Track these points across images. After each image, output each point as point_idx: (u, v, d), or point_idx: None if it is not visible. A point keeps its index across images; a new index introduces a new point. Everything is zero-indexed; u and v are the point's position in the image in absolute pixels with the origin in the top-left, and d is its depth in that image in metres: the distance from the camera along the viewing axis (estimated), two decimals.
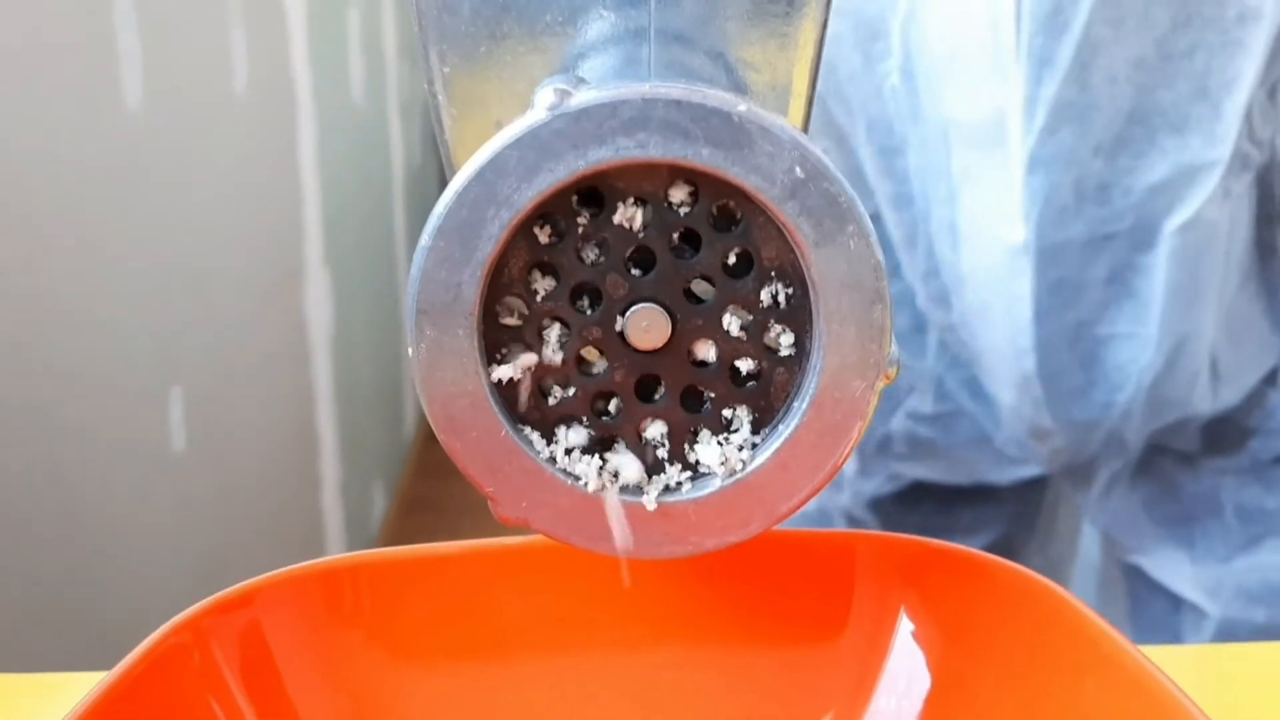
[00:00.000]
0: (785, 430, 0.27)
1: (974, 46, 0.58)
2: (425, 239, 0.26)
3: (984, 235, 0.61)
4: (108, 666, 0.31)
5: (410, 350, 0.27)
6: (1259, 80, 0.56)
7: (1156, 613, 0.68)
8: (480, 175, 0.26)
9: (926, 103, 0.61)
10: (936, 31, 0.59)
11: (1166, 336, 0.60)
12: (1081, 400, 0.62)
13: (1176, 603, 0.67)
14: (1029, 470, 0.69)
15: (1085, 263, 0.60)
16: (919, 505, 0.73)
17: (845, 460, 0.28)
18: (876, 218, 0.67)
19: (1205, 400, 0.63)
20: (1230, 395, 0.64)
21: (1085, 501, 0.69)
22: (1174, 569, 0.67)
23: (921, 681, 0.34)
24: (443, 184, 0.27)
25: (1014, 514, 0.74)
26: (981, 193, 0.60)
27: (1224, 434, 0.66)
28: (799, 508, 0.28)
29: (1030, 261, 0.59)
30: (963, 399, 0.68)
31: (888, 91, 0.62)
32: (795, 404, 0.27)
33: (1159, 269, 0.59)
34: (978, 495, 0.73)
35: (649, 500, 0.28)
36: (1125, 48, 0.56)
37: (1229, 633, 0.65)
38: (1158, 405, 0.62)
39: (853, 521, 0.74)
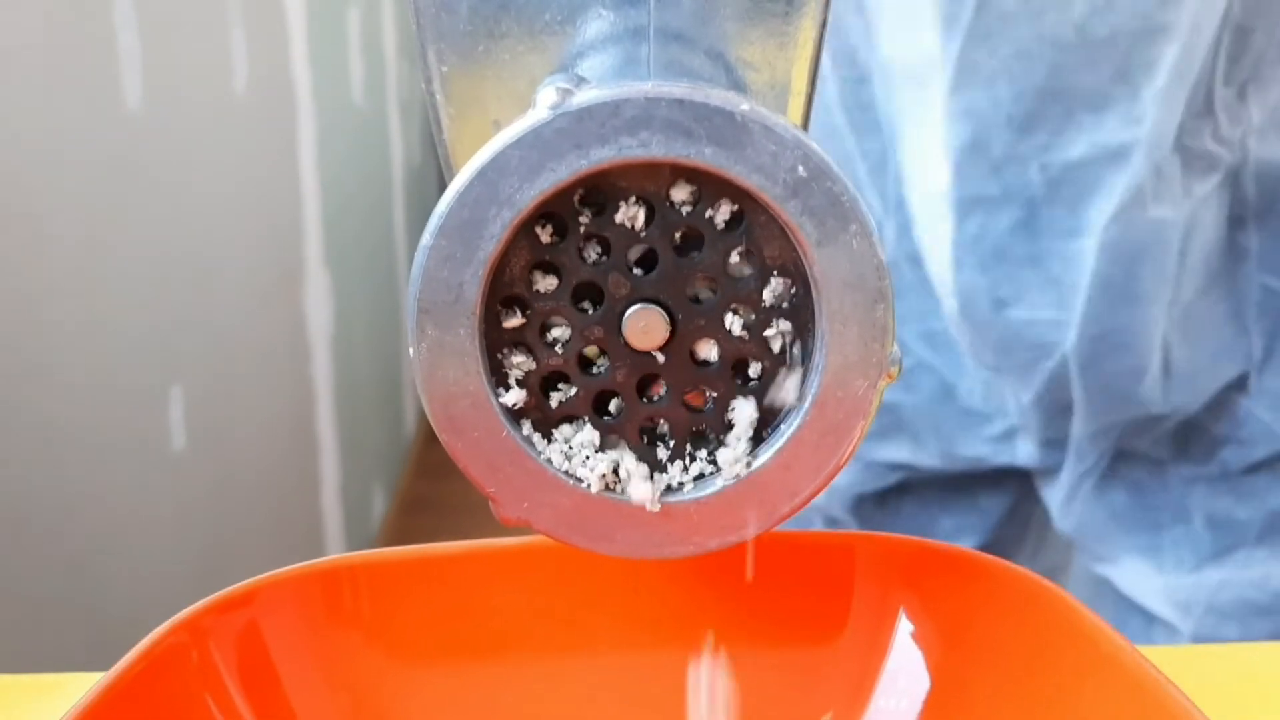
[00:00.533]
0: (787, 430, 0.27)
1: None
2: (427, 238, 0.26)
3: (917, 177, 0.62)
4: (106, 666, 0.31)
5: (411, 350, 0.27)
6: (1184, 67, 0.56)
7: (1134, 628, 0.68)
8: (482, 174, 0.26)
9: (868, 41, 0.63)
10: None
11: (1090, 326, 0.60)
12: (1009, 354, 0.63)
13: (1149, 618, 0.67)
14: (995, 427, 0.68)
15: (1004, 230, 0.60)
16: (900, 508, 0.72)
17: (847, 460, 0.28)
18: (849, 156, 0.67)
19: (1157, 399, 0.63)
20: (1187, 396, 0.63)
21: (1053, 505, 0.69)
22: (1142, 581, 0.66)
23: (921, 682, 0.34)
24: (442, 184, 0.27)
25: (997, 519, 0.73)
26: (915, 134, 0.61)
27: (1193, 441, 0.65)
28: (801, 507, 0.28)
29: (949, 208, 0.60)
30: (922, 351, 0.68)
31: (846, 25, 0.63)
32: (797, 404, 0.27)
33: (1086, 259, 0.59)
34: (957, 496, 0.72)
35: (649, 500, 0.28)
36: (1036, 24, 0.57)
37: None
38: (1098, 396, 0.62)
39: (831, 524, 0.74)
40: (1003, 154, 0.59)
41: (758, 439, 0.28)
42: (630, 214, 0.27)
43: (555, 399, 0.28)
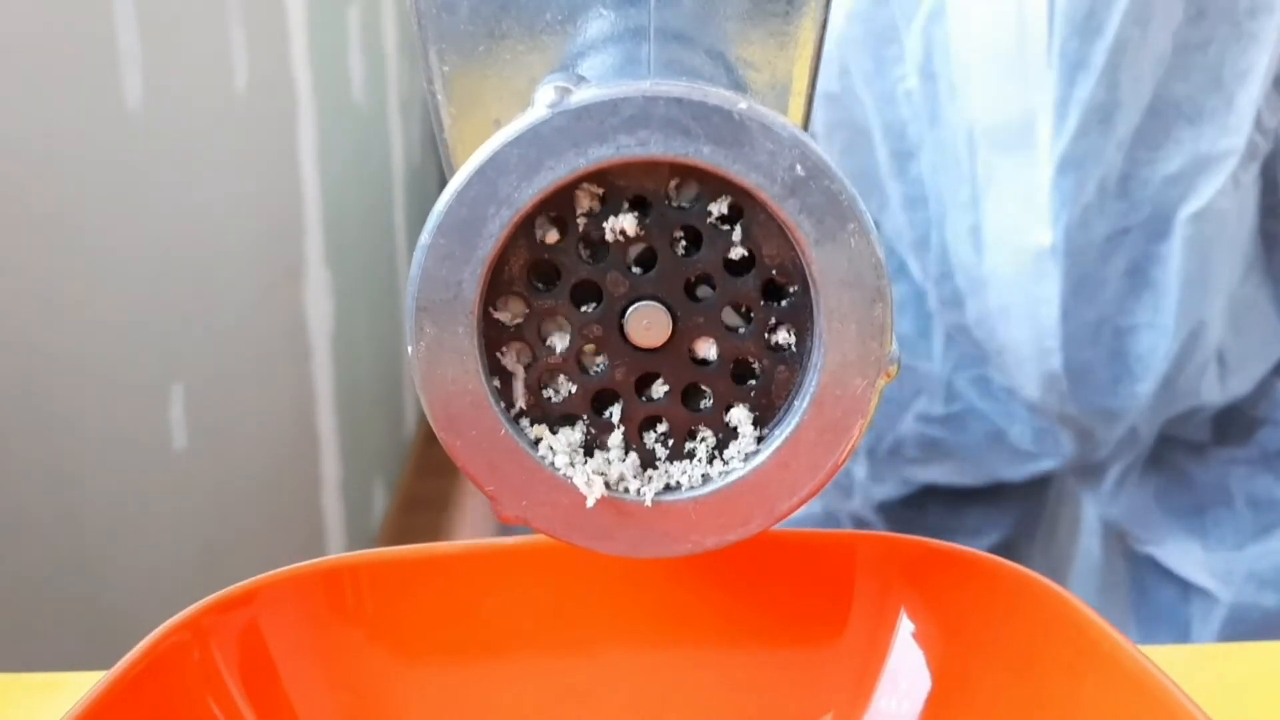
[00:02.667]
0: (786, 428, 0.27)
1: (1002, 49, 0.59)
2: (426, 237, 0.26)
3: (1009, 238, 0.61)
4: (107, 666, 0.31)
5: (410, 348, 0.27)
6: (1270, 72, 0.57)
7: (1164, 604, 0.69)
8: (481, 173, 0.26)
9: (947, 105, 0.61)
10: (962, 33, 0.60)
11: (1182, 325, 0.60)
12: (1106, 393, 0.62)
13: (1185, 593, 0.67)
14: (1043, 465, 0.69)
15: (1106, 258, 0.60)
16: (926, 507, 0.73)
17: (846, 459, 0.28)
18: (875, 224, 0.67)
19: (1214, 390, 0.63)
20: (1239, 385, 0.64)
21: (1097, 495, 0.69)
22: (1186, 558, 0.67)
23: (922, 682, 0.34)
24: (443, 182, 0.27)
25: (1019, 515, 0.74)
26: (1006, 196, 0.60)
27: (1233, 424, 0.66)
28: (800, 506, 0.28)
29: (1057, 263, 0.60)
30: (973, 398, 0.68)
31: (901, 95, 0.63)
32: (796, 402, 0.27)
33: (1174, 258, 0.59)
34: (985, 496, 0.73)
35: (648, 499, 0.28)
36: (1150, 45, 0.56)
37: (1240, 618, 0.65)
38: (1171, 395, 0.63)
39: (860, 525, 0.74)
40: (1114, 185, 0.59)
41: (757, 438, 0.28)
42: (629, 213, 0.27)
43: (554, 397, 0.28)
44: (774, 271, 0.27)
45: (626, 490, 0.28)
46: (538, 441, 0.28)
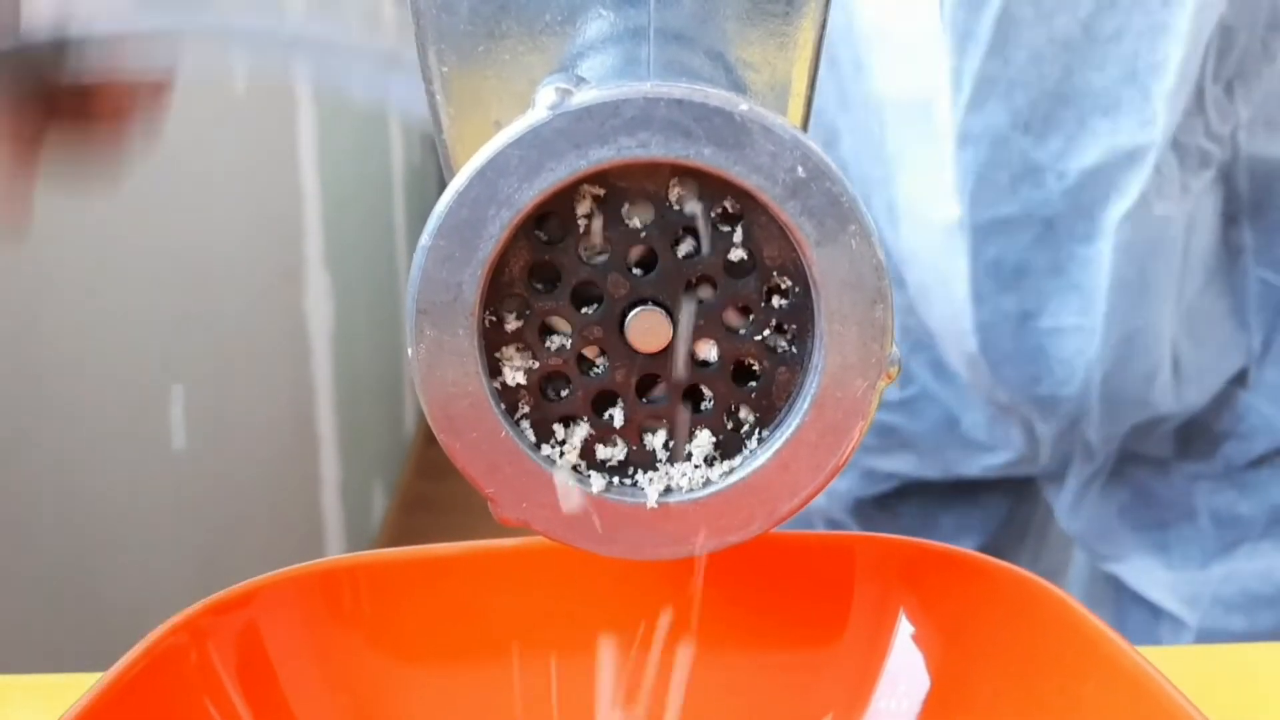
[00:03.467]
0: (787, 430, 0.27)
1: (899, 23, 0.59)
2: (426, 238, 0.26)
3: (920, 214, 0.61)
4: (105, 667, 0.31)
5: (410, 350, 0.27)
6: (1188, 67, 0.56)
7: (1137, 622, 0.68)
8: (481, 174, 0.26)
9: (854, 86, 0.62)
10: (859, 12, 0.60)
11: (1113, 330, 0.60)
12: (1029, 387, 0.62)
13: (1156, 612, 0.67)
14: (998, 458, 0.69)
15: (1024, 247, 0.60)
16: (899, 509, 0.73)
17: (847, 460, 0.28)
18: None
19: (1168, 400, 0.63)
20: (1195, 395, 0.63)
21: (1059, 507, 0.69)
22: (1150, 577, 0.67)
23: (921, 683, 0.34)
24: (442, 183, 0.27)
25: (998, 520, 0.73)
26: (916, 171, 0.60)
27: (1196, 438, 0.65)
28: (800, 508, 0.28)
29: (965, 239, 0.59)
30: (927, 380, 0.68)
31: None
32: (797, 404, 0.27)
33: (1103, 261, 0.59)
34: (958, 499, 0.72)
35: (649, 501, 0.28)
36: (1048, 26, 0.56)
37: (1208, 642, 0.65)
38: (1115, 403, 0.62)
39: (832, 525, 0.74)
40: (1021, 167, 0.58)
41: (757, 439, 0.28)
42: (629, 214, 0.27)
43: (554, 399, 0.28)
44: (775, 273, 0.27)
45: (627, 492, 0.28)
46: (538, 444, 0.28)
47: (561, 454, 0.28)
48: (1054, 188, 0.59)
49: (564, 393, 0.28)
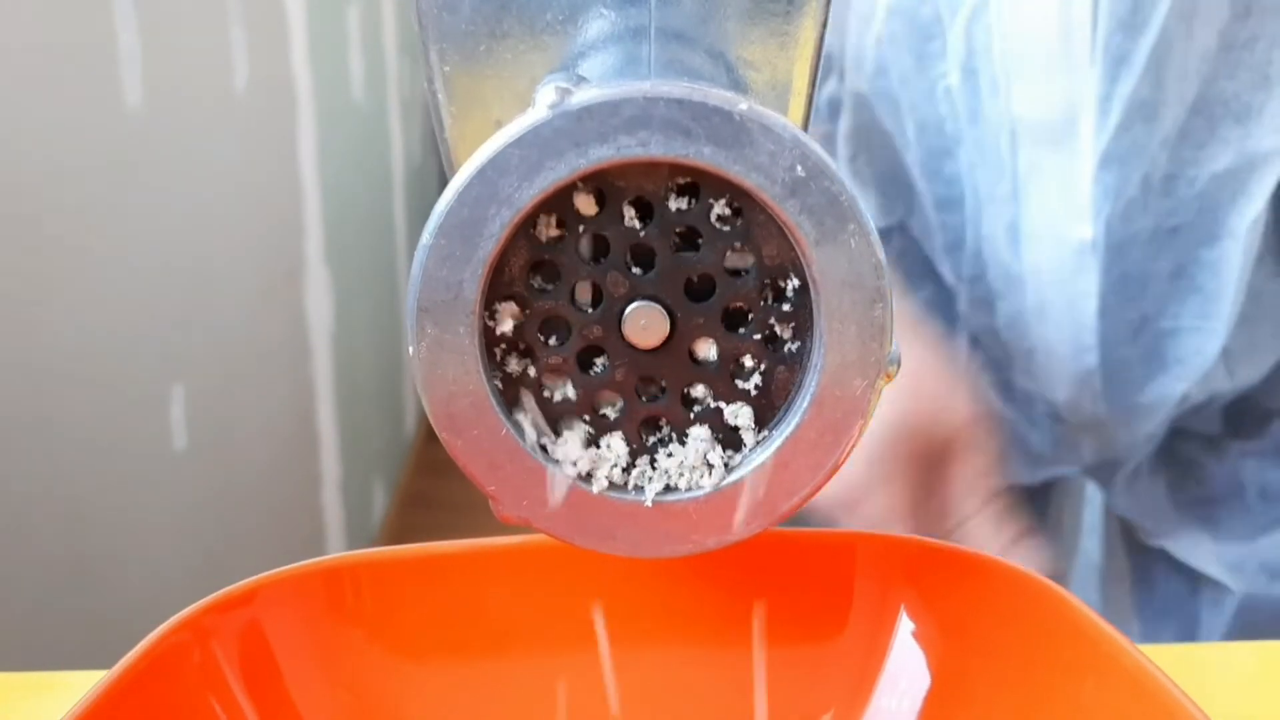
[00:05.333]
0: (786, 429, 0.27)
1: (1046, 44, 0.58)
2: (426, 237, 0.26)
3: (1049, 233, 0.61)
4: (107, 665, 0.31)
5: (411, 349, 0.27)
6: None
7: (1172, 598, 0.68)
8: (482, 173, 0.26)
9: (988, 101, 0.61)
10: (1005, 29, 0.60)
11: (1229, 326, 0.60)
12: (1138, 392, 0.62)
13: (1194, 586, 0.67)
14: (1058, 470, 0.69)
15: (1150, 256, 0.60)
16: None
17: (846, 459, 0.28)
18: (902, 227, 0.67)
19: (1222, 380, 0.63)
20: (1247, 374, 0.63)
21: (1109, 490, 0.69)
22: (1197, 549, 0.67)
23: (921, 681, 0.34)
24: (443, 182, 0.27)
25: (1025, 517, 0.74)
26: (1047, 190, 0.60)
27: (1245, 416, 0.66)
28: (800, 506, 0.28)
29: (1098, 258, 0.59)
30: (995, 402, 0.68)
31: (941, 92, 0.62)
32: (796, 402, 0.27)
33: (1230, 263, 0.59)
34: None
35: (649, 499, 0.28)
36: (1195, 42, 0.56)
37: (1251, 608, 0.65)
38: (1194, 392, 0.63)
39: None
40: (1157, 179, 0.58)
41: (757, 438, 0.28)
42: (629, 213, 0.27)
43: (554, 398, 0.28)
44: (774, 272, 0.27)
45: (627, 490, 0.28)
46: (539, 442, 0.28)
47: (555, 449, 0.28)
48: (1184, 194, 0.59)
49: (564, 391, 0.28)
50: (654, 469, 0.28)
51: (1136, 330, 0.61)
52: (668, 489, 0.28)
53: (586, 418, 0.28)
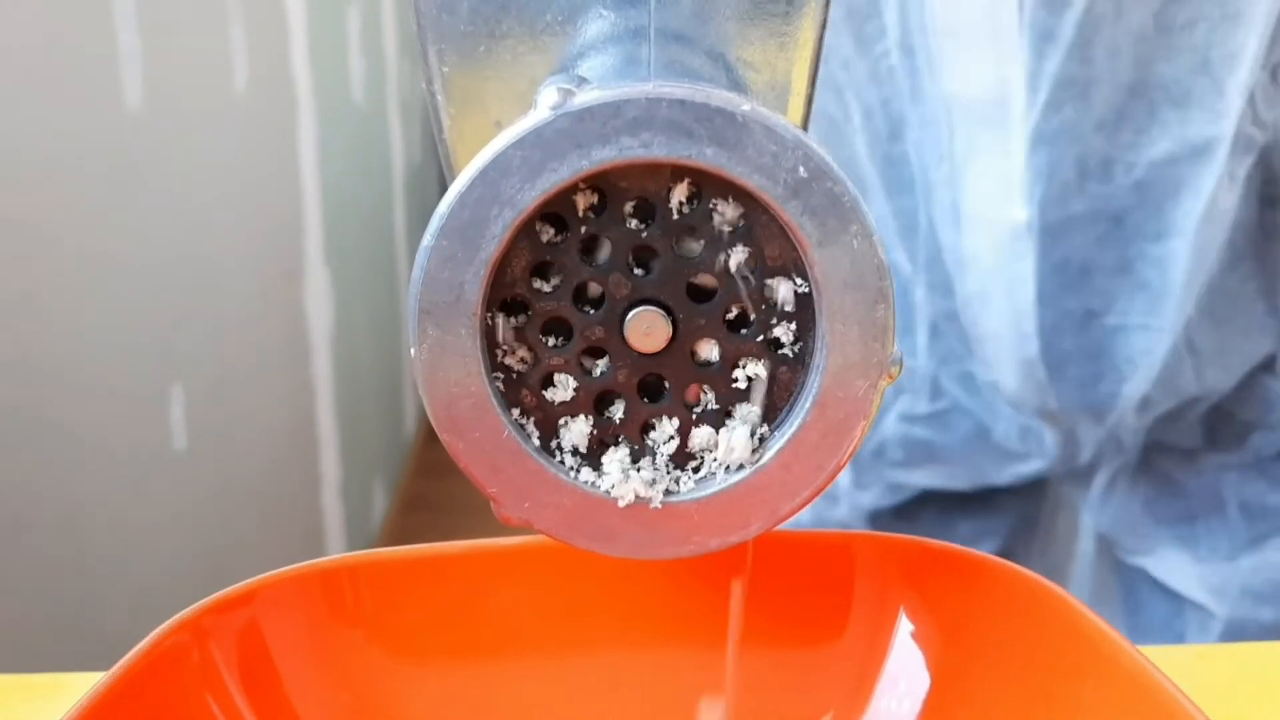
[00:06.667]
0: (788, 430, 0.27)
1: (975, 20, 0.57)
2: (428, 238, 0.26)
3: (986, 215, 0.59)
4: (107, 666, 0.31)
5: (412, 350, 0.27)
6: (1261, 57, 0.56)
7: (1157, 616, 0.68)
8: (484, 174, 0.26)
9: (927, 79, 0.60)
10: (937, 4, 0.59)
11: (1178, 326, 0.59)
12: (1088, 388, 0.61)
13: (1179, 605, 0.66)
14: (1030, 466, 0.68)
15: (1090, 245, 0.58)
16: (918, 517, 0.72)
17: (848, 460, 0.28)
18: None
19: (1190, 383, 0.62)
20: (1217, 378, 0.62)
21: (1085, 502, 0.68)
22: (1177, 569, 0.66)
23: (921, 682, 0.34)
24: (443, 183, 0.27)
25: (1014, 524, 0.73)
26: (983, 171, 0.59)
27: (1224, 428, 0.65)
28: (801, 507, 0.28)
29: (1033, 242, 0.58)
30: (958, 394, 0.67)
31: (884, 72, 0.61)
32: (798, 404, 0.27)
33: (1176, 259, 0.58)
34: (978, 505, 0.72)
35: (652, 500, 0.28)
36: (1126, 21, 0.55)
37: (1237, 633, 0.64)
38: (1156, 395, 0.62)
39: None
40: (1094, 163, 0.57)
41: (759, 439, 0.28)
42: (630, 214, 0.27)
43: (556, 399, 0.28)
44: (776, 273, 0.27)
45: (628, 492, 0.28)
46: (540, 443, 0.28)
47: (556, 450, 0.28)
48: (1122, 181, 0.57)
49: (566, 393, 0.28)
50: (655, 470, 0.28)
51: (1081, 323, 0.60)
52: (669, 490, 0.28)
53: (588, 419, 0.28)
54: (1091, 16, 0.55)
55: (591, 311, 0.27)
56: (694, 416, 0.28)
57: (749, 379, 0.28)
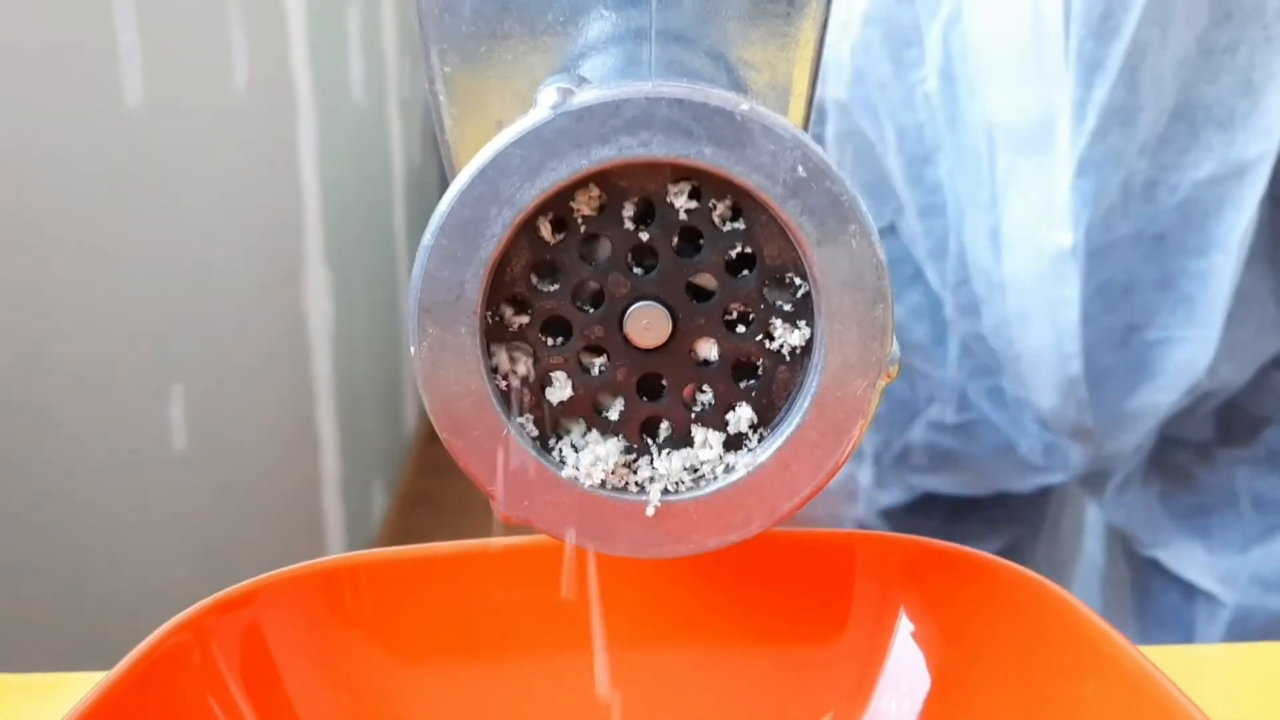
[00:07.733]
0: (787, 429, 0.27)
1: (1020, 49, 0.58)
2: (428, 237, 0.26)
3: (1028, 239, 0.60)
4: (107, 666, 0.31)
5: (412, 349, 0.27)
6: None
7: (1168, 607, 0.68)
8: (483, 174, 0.26)
9: (967, 107, 0.61)
10: (981, 34, 0.59)
11: (1221, 335, 0.60)
12: (1125, 400, 0.62)
13: (1189, 595, 0.67)
14: (1050, 478, 0.69)
15: (1133, 264, 0.59)
16: (930, 514, 0.73)
17: (846, 459, 0.28)
18: (893, 229, 0.66)
19: (1204, 379, 0.62)
20: (1230, 374, 0.63)
21: (1101, 499, 0.69)
22: (1189, 560, 0.67)
23: (921, 682, 0.34)
24: (443, 182, 0.27)
25: (1024, 520, 0.74)
26: (1026, 197, 0.59)
27: (1237, 423, 0.65)
28: (800, 506, 0.28)
29: (1078, 265, 0.59)
30: (985, 408, 0.68)
31: (919, 98, 0.62)
32: (797, 402, 0.27)
33: (1220, 273, 0.59)
34: (989, 504, 0.72)
35: (650, 499, 0.28)
36: (1170, 46, 0.56)
37: (1244, 621, 0.65)
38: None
39: (862, 529, 0.73)
40: (1138, 186, 0.58)
41: (758, 438, 0.28)
42: (630, 213, 0.27)
43: (555, 397, 0.28)
44: (775, 272, 0.27)
45: (628, 490, 0.28)
46: (540, 442, 0.28)
47: (556, 449, 0.28)
48: (1165, 202, 0.58)
49: (565, 391, 0.28)
50: (654, 469, 0.28)
51: (1122, 339, 0.61)
52: (668, 489, 0.28)
53: (588, 418, 0.28)
54: (1138, 44, 0.55)
55: (591, 310, 0.27)
56: (693, 416, 0.28)
57: (748, 379, 0.28)
